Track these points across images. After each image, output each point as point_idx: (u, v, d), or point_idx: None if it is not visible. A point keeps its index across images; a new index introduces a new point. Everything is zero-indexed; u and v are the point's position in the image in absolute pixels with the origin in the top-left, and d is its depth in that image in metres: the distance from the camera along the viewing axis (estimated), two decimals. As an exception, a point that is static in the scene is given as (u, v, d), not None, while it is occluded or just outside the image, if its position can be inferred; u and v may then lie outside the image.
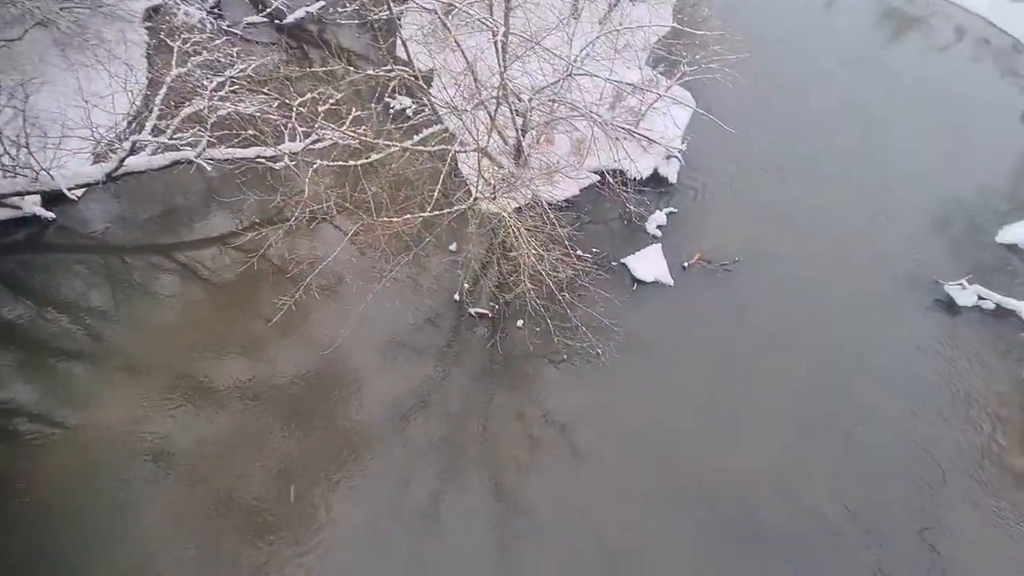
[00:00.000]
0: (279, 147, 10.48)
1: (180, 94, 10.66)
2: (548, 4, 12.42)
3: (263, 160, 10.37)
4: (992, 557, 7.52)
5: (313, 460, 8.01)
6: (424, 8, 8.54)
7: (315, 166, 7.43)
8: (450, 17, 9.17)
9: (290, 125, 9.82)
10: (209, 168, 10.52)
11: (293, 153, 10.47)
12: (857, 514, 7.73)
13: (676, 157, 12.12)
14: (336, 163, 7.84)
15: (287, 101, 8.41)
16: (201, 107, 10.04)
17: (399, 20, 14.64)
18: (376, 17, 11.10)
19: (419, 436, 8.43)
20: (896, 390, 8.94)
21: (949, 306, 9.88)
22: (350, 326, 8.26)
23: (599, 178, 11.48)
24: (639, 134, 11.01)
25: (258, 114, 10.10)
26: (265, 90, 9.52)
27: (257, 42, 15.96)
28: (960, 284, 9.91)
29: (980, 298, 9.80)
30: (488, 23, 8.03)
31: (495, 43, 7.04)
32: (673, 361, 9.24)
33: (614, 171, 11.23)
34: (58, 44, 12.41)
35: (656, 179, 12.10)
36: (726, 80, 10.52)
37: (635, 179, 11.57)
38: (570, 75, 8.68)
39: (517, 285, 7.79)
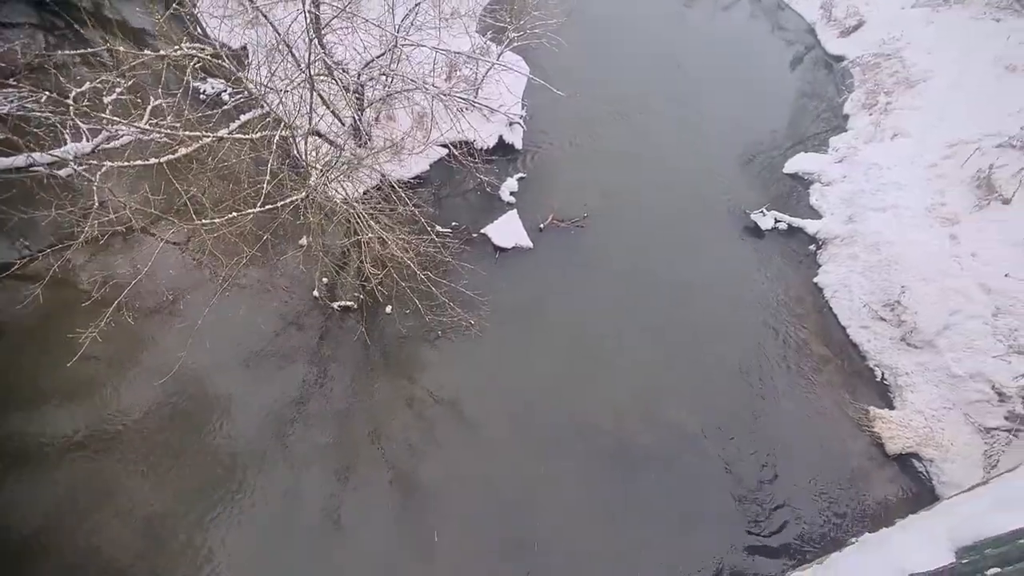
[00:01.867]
0: (60, 150, 8.74)
1: None
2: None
3: (40, 169, 8.58)
4: (810, 427, 9.21)
5: (181, 499, 7.16)
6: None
7: (103, 168, 6.25)
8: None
9: (69, 122, 8.20)
10: (-39, 187, 8.45)
11: (80, 156, 8.82)
12: (709, 421, 8.95)
13: (519, 123, 12.46)
14: (134, 163, 6.68)
15: (51, 93, 6.91)
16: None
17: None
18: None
19: (301, 446, 7.92)
20: (725, 305, 10.42)
21: (756, 230, 11.64)
22: (188, 346, 7.32)
23: (447, 151, 11.40)
24: (479, 104, 11.06)
25: (18, 112, 8.25)
26: (13, 81, 7.71)
27: (8, 24, 13.01)
28: (761, 212, 11.70)
29: (776, 221, 11.69)
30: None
31: (305, 14, 6.45)
32: (541, 318, 9.73)
33: (461, 143, 11.22)
34: None
35: (503, 146, 12.37)
36: (550, 44, 10.97)
37: (482, 149, 11.71)
38: (396, 46, 8.34)
39: (376, 273, 7.51)
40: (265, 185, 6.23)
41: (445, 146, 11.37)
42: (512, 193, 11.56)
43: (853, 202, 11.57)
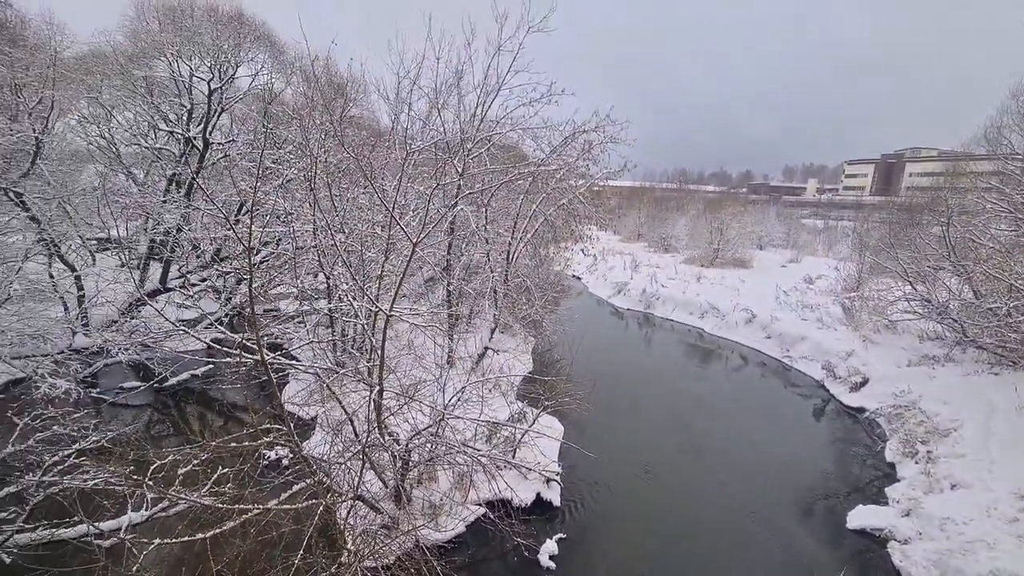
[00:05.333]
0: (117, 520, 9.19)
1: (4, 473, 9.53)
2: (427, 351, 14.58)
3: (87, 542, 8.85)
4: None
5: None
6: (307, 372, 9.59)
7: (153, 545, 6.47)
8: (331, 377, 10.19)
9: (137, 492, 8.92)
10: (8, 559, 8.61)
11: (132, 526, 9.17)
12: None
13: (556, 480, 12.62)
14: (181, 539, 6.93)
15: (135, 476, 7.82)
16: (27, 486, 8.91)
17: (284, 382, 15.71)
18: (258, 380, 11.92)
19: None
20: None
21: (842, 605, 9.83)
22: None
23: (484, 511, 11.28)
24: (516, 464, 11.59)
25: (100, 486, 9.15)
26: (113, 467, 8.84)
27: (129, 406, 15.65)
28: (841, 579, 10.15)
29: (866, 592, 9.98)
30: (366, 381, 9.04)
31: (371, 400, 7.81)
32: None
33: (498, 502, 11.22)
34: None
35: (540, 504, 12.18)
36: (580, 410, 12.24)
37: (520, 507, 11.57)
38: (443, 420, 9.55)
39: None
40: (297, 560, 6.18)
41: (482, 504, 11.33)
42: (552, 557, 10.71)
43: (945, 565, 10.04)
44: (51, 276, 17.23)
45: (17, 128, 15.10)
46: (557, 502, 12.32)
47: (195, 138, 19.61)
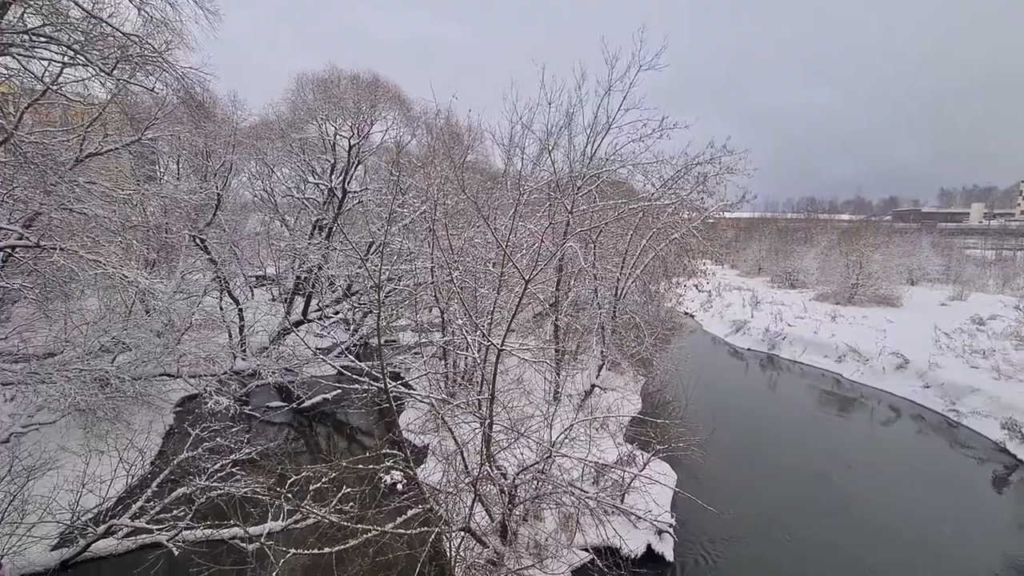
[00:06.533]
0: (261, 526, 10.28)
1: (179, 476, 11.20)
2: (535, 386, 14.67)
3: (237, 541, 10.02)
4: None
5: None
6: (422, 401, 10.14)
7: (288, 555, 7.15)
8: (444, 408, 10.66)
9: (276, 503, 9.97)
10: (177, 552, 10.00)
11: (272, 533, 10.21)
12: None
13: (668, 533, 11.74)
14: (311, 551, 7.58)
15: (276, 488, 8.78)
16: (194, 488, 10.38)
17: (401, 409, 16.72)
18: (379, 406, 12.85)
19: None
20: None
21: None
22: None
23: (591, 557, 10.80)
24: (625, 511, 11.02)
25: (249, 494, 10.37)
26: (260, 478, 10.01)
27: (273, 423, 17.68)
28: None
29: None
30: (476, 414, 9.32)
31: (482, 433, 8.02)
32: None
33: (605, 549, 10.69)
34: (84, 428, 13.71)
35: (652, 557, 11.36)
36: (696, 457, 11.36)
37: (629, 558, 10.89)
38: (550, 457, 9.46)
39: None
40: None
41: (588, 550, 10.87)
42: (665, 619, 9.88)
43: None
44: (221, 308, 20.42)
45: (205, 186, 18.46)
46: (670, 556, 11.40)
47: (336, 188, 22.34)
